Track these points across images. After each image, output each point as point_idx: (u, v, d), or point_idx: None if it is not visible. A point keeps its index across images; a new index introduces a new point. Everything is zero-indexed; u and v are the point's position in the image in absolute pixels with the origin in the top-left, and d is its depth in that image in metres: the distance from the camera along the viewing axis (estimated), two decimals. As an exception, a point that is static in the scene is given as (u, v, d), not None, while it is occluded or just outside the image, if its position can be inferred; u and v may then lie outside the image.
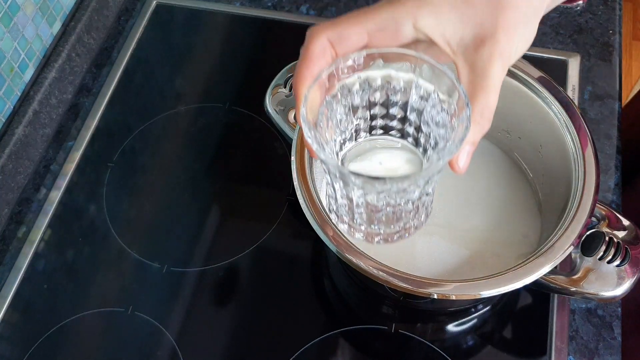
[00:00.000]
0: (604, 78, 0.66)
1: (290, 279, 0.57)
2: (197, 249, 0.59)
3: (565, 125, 0.47)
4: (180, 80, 0.70)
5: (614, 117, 0.63)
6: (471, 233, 0.52)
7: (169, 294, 0.57)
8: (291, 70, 0.53)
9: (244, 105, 0.68)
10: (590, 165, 0.45)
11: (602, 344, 0.52)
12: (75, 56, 0.69)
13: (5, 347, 0.55)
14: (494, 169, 0.55)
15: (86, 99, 0.69)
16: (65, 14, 0.70)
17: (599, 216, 0.47)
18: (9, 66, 0.62)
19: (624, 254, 0.45)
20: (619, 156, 0.61)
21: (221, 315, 0.56)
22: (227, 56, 0.72)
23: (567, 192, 0.46)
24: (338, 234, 0.43)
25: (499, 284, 0.41)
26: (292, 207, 0.60)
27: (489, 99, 0.32)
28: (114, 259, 0.59)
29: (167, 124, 0.67)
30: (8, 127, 0.62)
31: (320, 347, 0.53)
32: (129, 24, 0.75)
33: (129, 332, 0.55)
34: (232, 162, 0.65)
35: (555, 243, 0.42)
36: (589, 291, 0.44)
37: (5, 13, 0.59)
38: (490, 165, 0.55)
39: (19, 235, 0.61)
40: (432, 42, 0.33)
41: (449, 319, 0.55)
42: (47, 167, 0.65)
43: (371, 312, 0.55)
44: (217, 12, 0.75)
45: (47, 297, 0.57)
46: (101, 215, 0.61)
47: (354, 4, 0.73)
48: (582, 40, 0.68)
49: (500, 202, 0.53)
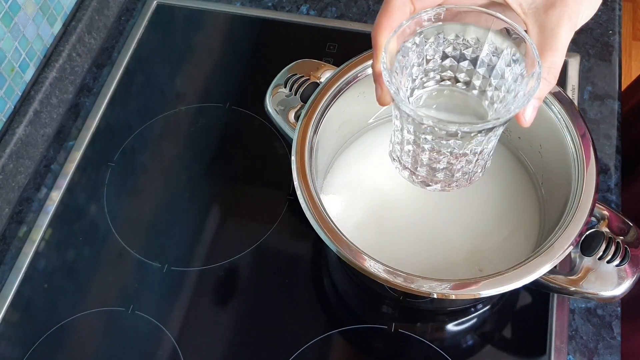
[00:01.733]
0: (603, 78, 0.66)
1: (290, 279, 0.57)
2: (197, 248, 0.59)
3: (565, 125, 0.47)
4: (180, 80, 0.71)
5: (614, 117, 0.63)
6: (471, 231, 0.52)
7: (170, 294, 0.57)
8: (291, 70, 0.53)
9: (244, 105, 0.68)
10: (590, 165, 0.45)
11: (601, 343, 0.52)
12: (76, 56, 0.69)
13: (6, 346, 0.55)
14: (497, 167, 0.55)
15: (87, 98, 0.70)
16: (66, 14, 0.70)
17: (599, 216, 0.47)
18: (10, 66, 0.62)
19: (624, 254, 0.45)
20: (618, 156, 0.61)
21: (221, 315, 0.56)
22: (227, 56, 0.72)
23: (567, 192, 0.46)
24: (338, 233, 0.43)
25: (498, 284, 0.41)
26: (292, 207, 0.60)
27: (556, 58, 0.34)
28: (115, 258, 0.59)
29: (167, 124, 0.67)
30: (9, 127, 0.62)
31: (320, 347, 0.53)
32: (129, 24, 0.75)
33: (129, 332, 0.55)
34: (232, 162, 0.65)
35: (555, 243, 0.42)
36: (588, 291, 0.45)
37: (6, 13, 0.60)
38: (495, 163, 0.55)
39: (20, 235, 0.61)
40: (505, 4, 0.35)
41: (449, 318, 0.55)
42: (47, 167, 0.65)
43: (371, 312, 0.55)
44: (217, 12, 0.75)
45: (47, 296, 0.57)
46: (102, 214, 0.61)
47: (354, 4, 0.73)
48: (582, 40, 0.68)
49: (501, 201, 0.53)
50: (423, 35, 0.36)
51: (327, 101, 0.49)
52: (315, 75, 0.53)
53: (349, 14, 0.73)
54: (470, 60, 0.38)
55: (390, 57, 0.35)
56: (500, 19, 0.34)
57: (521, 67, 0.35)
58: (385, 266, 0.42)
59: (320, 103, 0.49)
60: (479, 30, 0.36)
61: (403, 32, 0.35)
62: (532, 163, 0.54)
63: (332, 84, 0.49)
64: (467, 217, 0.53)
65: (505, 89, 0.36)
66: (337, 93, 0.49)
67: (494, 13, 0.35)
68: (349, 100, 0.51)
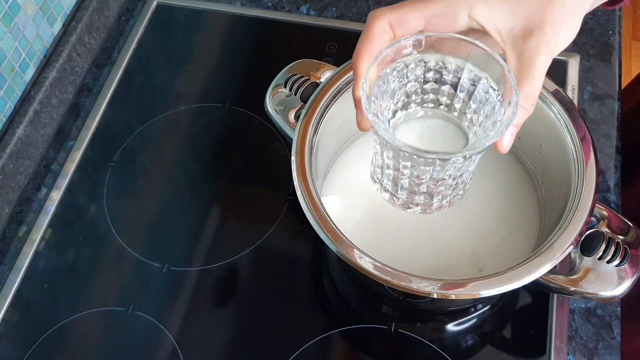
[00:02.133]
0: (603, 78, 0.66)
1: (290, 279, 0.57)
2: (197, 248, 0.59)
3: (565, 125, 0.47)
4: (180, 80, 0.71)
5: (614, 117, 0.63)
6: (471, 231, 0.52)
7: (170, 294, 0.57)
8: (291, 70, 0.53)
9: (244, 105, 0.68)
10: (590, 165, 0.45)
11: (601, 343, 0.52)
12: (76, 56, 0.69)
13: (6, 346, 0.55)
14: (497, 167, 0.55)
15: (87, 98, 0.70)
16: (66, 14, 0.70)
17: (599, 216, 0.47)
18: (10, 66, 0.62)
19: (624, 254, 0.45)
20: (618, 156, 0.61)
21: (221, 315, 0.56)
22: (227, 56, 0.72)
23: (567, 192, 0.46)
24: (338, 233, 0.43)
25: (498, 284, 0.41)
26: (292, 207, 0.60)
27: (533, 86, 0.34)
28: (115, 258, 0.59)
29: (167, 124, 0.67)
30: (9, 127, 0.62)
31: (320, 347, 0.53)
32: (129, 24, 0.75)
33: (129, 332, 0.55)
34: (232, 162, 0.65)
35: (555, 243, 0.42)
36: (588, 291, 0.45)
37: (6, 13, 0.60)
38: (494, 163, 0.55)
39: (20, 235, 0.61)
40: (484, 32, 0.35)
41: (449, 318, 0.55)
42: (47, 167, 0.65)
43: (371, 312, 0.55)
44: (217, 12, 0.75)
45: (47, 296, 0.57)
46: (101, 214, 0.61)
47: (354, 4, 0.73)
48: (582, 41, 0.68)
49: (501, 201, 0.53)
50: (403, 62, 0.37)
51: (327, 101, 0.49)
52: (315, 75, 0.53)
53: (349, 14, 0.73)
54: (450, 85, 0.38)
55: (370, 83, 0.35)
56: (479, 47, 0.35)
57: (499, 94, 0.35)
58: (385, 266, 0.42)
59: (320, 103, 0.49)
60: (459, 58, 0.36)
61: (384, 59, 0.35)
62: (532, 163, 0.54)
63: (332, 84, 0.49)
64: (467, 217, 0.53)
65: (484, 113, 0.37)
66: (337, 93, 0.49)
67: (473, 41, 0.35)
68: (349, 100, 0.51)
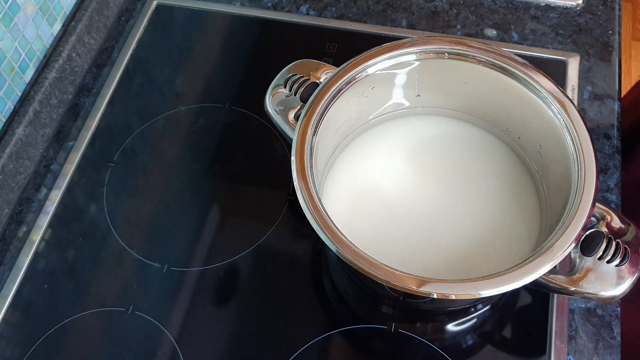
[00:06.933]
0: (603, 78, 0.66)
1: (290, 279, 0.57)
2: (197, 248, 0.59)
3: (564, 125, 0.47)
4: (180, 80, 0.71)
5: (614, 117, 0.63)
6: (472, 231, 0.52)
7: (169, 294, 0.57)
8: (291, 70, 0.53)
9: (244, 105, 0.68)
10: (590, 165, 0.45)
11: (601, 343, 0.52)
12: (76, 56, 0.69)
13: (5, 347, 0.55)
14: (498, 165, 0.55)
15: (86, 99, 0.70)
16: (66, 14, 0.70)
17: (599, 216, 0.47)
18: (10, 66, 0.62)
19: (624, 254, 0.45)
20: (618, 156, 0.61)
21: (221, 315, 0.56)
22: (227, 56, 0.72)
23: (566, 192, 0.46)
24: (338, 233, 0.43)
25: (498, 284, 0.41)
26: (292, 207, 0.60)
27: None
28: (114, 258, 0.59)
29: (167, 124, 0.67)
30: (8, 127, 0.62)
31: (320, 347, 0.53)
32: (129, 24, 0.75)
33: (129, 332, 0.55)
34: (232, 162, 0.65)
35: (555, 243, 0.42)
36: (588, 291, 0.44)
37: (6, 13, 0.59)
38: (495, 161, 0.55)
39: (20, 235, 0.61)
40: None
41: (449, 318, 0.55)
42: (47, 167, 0.65)
43: (371, 312, 0.55)
44: (217, 12, 0.75)
45: (47, 296, 0.57)
46: (101, 215, 0.61)
47: (354, 4, 0.73)
48: (582, 41, 0.68)
49: (502, 201, 0.53)
50: None
51: (327, 101, 0.49)
52: (315, 75, 0.52)
53: (349, 14, 0.73)
54: None
55: None
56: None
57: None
58: (385, 267, 0.42)
59: (320, 103, 0.49)
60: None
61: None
62: (533, 162, 0.54)
63: (332, 84, 0.49)
64: (468, 218, 0.53)
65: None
66: (337, 93, 0.49)
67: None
68: (349, 100, 0.51)
